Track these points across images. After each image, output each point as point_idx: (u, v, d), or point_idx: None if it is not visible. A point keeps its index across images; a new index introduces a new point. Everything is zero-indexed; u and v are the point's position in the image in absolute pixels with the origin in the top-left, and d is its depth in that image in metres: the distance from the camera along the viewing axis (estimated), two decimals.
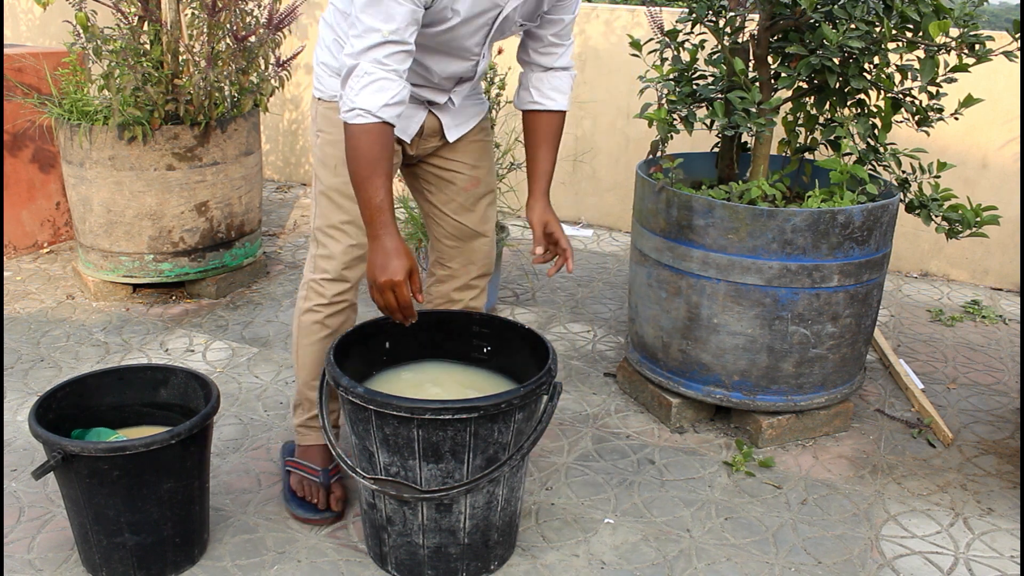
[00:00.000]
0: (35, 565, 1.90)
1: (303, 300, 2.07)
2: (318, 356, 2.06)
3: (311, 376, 2.09)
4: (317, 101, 2.00)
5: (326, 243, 2.00)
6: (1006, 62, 2.67)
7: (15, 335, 3.00)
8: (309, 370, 2.09)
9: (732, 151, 2.62)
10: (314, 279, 2.03)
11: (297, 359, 2.11)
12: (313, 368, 2.08)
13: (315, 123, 2.01)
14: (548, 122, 2.06)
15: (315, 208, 2.03)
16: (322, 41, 1.97)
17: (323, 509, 2.05)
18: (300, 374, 2.11)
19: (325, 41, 1.96)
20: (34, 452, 2.31)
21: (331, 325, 2.04)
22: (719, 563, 1.96)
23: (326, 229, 2.00)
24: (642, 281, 2.49)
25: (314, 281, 2.03)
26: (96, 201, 3.16)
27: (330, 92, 1.95)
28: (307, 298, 2.05)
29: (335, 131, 1.94)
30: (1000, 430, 2.58)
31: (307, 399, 2.13)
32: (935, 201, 2.38)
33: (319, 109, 1.99)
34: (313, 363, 2.07)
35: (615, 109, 4.23)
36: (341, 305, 2.04)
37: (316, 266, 2.03)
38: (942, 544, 2.06)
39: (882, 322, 3.31)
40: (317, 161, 2.00)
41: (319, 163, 2.00)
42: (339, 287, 2.01)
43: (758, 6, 2.36)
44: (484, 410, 1.64)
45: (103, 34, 3.08)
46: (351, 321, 2.08)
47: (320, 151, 1.99)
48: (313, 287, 2.03)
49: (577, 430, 2.50)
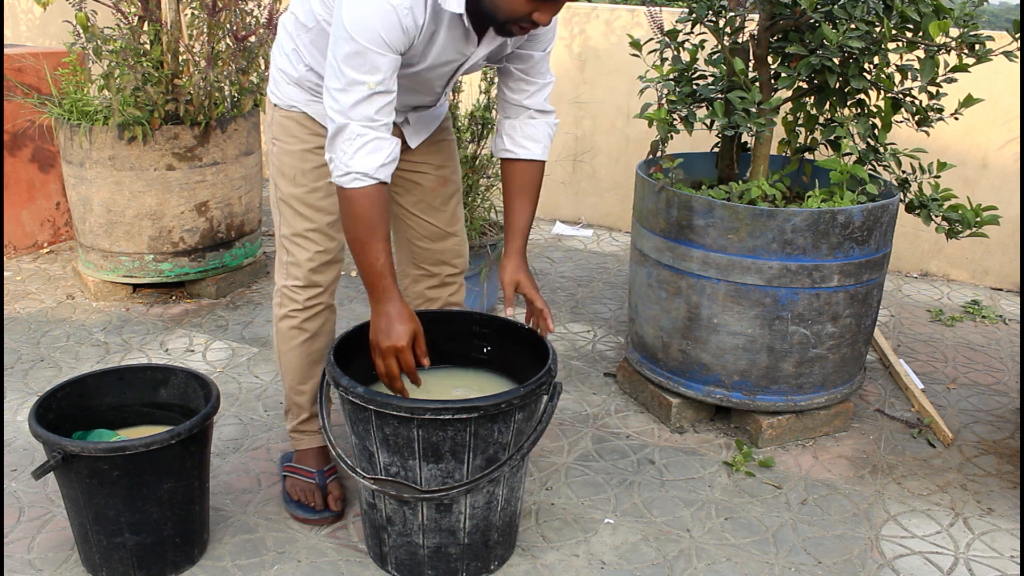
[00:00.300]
0: (35, 565, 1.90)
1: (278, 307, 2.05)
2: (301, 360, 2.06)
3: (297, 381, 2.09)
4: (274, 107, 1.96)
5: (293, 251, 1.98)
6: (1006, 62, 2.67)
7: (15, 335, 3.00)
8: (294, 375, 2.08)
9: (732, 151, 2.62)
10: (286, 286, 2.01)
11: (281, 365, 2.10)
12: (297, 372, 2.07)
13: (271, 129, 1.98)
14: (523, 172, 1.98)
15: (278, 216, 2.00)
16: (280, 47, 1.93)
17: (320, 510, 2.05)
18: (286, 379, 2.11)
19: (284, 48, 1.91)
20: (34, 452, 2.31)
21: (309, 329, 2.03)
22: (719, 563, 1.96)
23: (292, 237, 1.98)
24: (642, 281, 2.49)
25: (286, 288, 2.01)
26: (96, 201, 3.16)
27: (287, 100, 1.92)
28: (281, 304, 2.04)
29: (291, 141, 1.93)
30: (1000, 430, 2.58)
31: (295, 404, 2.12)
32: (935, 201, 2.38)
33: (275, 116, 1.96)
34: (297, 368, 2.07)
35: (615, 109, 4.23)
36: (316, 309, 2.02)
37: (287, 273, 2.01)
38: (942, 544, 2.06)
39: (882, 322, 3.31)
40: (275, 169, 1.97)
41: (277, 172, 1.96)
42: (311, 292, 2.00)
43: (758, 6, 2.36)
44: (484, 410, 1.64)
45: (103, 34, 3.08)
46: (330, 322, 2.08)
47: (277, 160, 1.96)
48: (286, 294, 2.02)
49: (577, 430, 2.50)
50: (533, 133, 1.97)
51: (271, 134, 1.98)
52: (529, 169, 1.98)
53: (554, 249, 4.08)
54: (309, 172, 1.93)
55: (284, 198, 1.96)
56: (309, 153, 1.93)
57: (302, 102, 1.91)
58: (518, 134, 1.97)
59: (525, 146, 1.97)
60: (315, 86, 1.88)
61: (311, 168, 1.93)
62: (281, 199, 1.97)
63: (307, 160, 1.93)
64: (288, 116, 1.93)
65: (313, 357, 2.06)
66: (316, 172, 1.93)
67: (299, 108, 1.92)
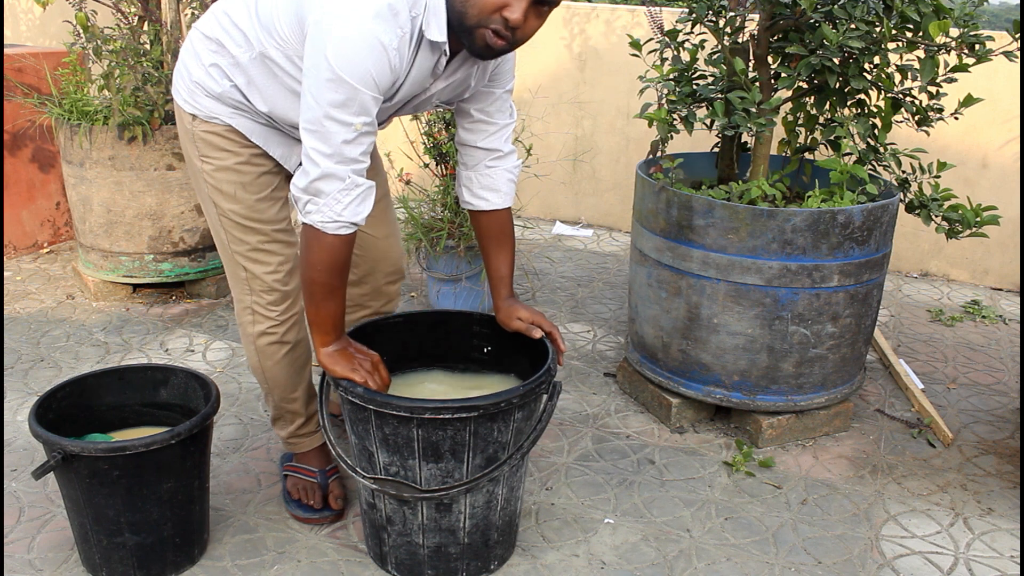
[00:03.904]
0: (35, 565, 1.90)
1: (251, 324, 1.95)
2: (287, 371, 2.01)
3: (287, 391, 2.04)
4: (191, 118, 1.82)
5: (252, 268, 1.90)
6: (1006, 62, 2.67)
7: (15, 335, 3.00)
8: (283, 387, 2.03)
9: (732, 151, 2.62)
10: (256, 302, 1.93)
11: (267, 380, 2.02)
12: (287, 383, 2.02)
13: (194, 145, 1.83)
14: (488, 222, 1.91)
15: (223, 234, 1.89)
16: (196, 56, 1.79)
17: (320, 508, 2.05)
18: (275, 392, 2.04)
19: (201, 59, 1.78)
20: (34, 452, 2.30)
21: (291, 339, 1.98)
22: (719, 563, 1.96)
23: (247, 254, 1.89)
24: (642, 281, 2.49)
25: (257, 304, 1.93)
26: (96, 201, 3.16)
27: (207, 112, 1.79)
28: (255, 322, 1.95)
29: (223, 155, 1.82)
30: (1000, 430, 2.58)
31: (288, 412, 2.07)
32: (935, 201, 2.38)
33: (197, 131, 1.81)
34: (285, 379, 2.02)
35: (615, 109, 4.23)
36: (294, 319, 1.97)
37: (250, 288, 1.92)
38: (942, 544, 2.06)
39: (882, 322, 3.31)
40: (208, 187, 1.85)
41: (211, 189, 1.85)
42: (284, 304, 1.94)
43: (758, 6, 2.36)
44: (484, 409, 1.64)
45: (103, 34, 3.08)
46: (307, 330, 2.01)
47: (211, 178, 1.84)
48: (257, 311, 1.93)
49: (577, 430, 2.50)
50: (491, 183, 1.89)
51: (197, 151, 1.84)
52: (495, 218, 1.92)
53: (554, 249, 4.08)
54: (250, 184, 1.84)
55: (226, 215, 1.86)
56: (246, 164, 1.83)
57: (225, 114, 1.80)
58: (475, 185, 1.90)
59: (484, 197, 1.90)
60: (239, 103, 1.78)
61: (251, 180, 1.84)
62: (222, 216, 1.86)
63: (245, 172, 1.84)
64: (212, 131, 1.81)
65: (299, 364, 2.02)
66: (257, 183, 1.85)
67: (222, 120, 1.80)
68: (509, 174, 1.91)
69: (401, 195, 3.18)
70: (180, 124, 1.87)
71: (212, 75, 1.77)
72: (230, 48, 1.74)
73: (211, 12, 1.80)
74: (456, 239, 3.05)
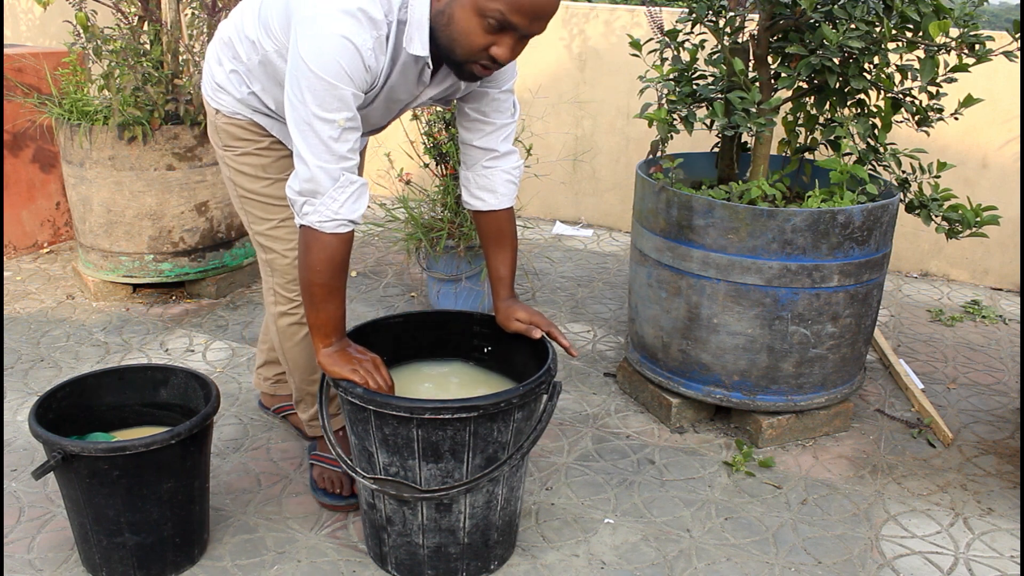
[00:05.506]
0: (35, 565, 1.90)
1: (272, 305, 2.03)
2: (308, 352, 2.05)
3: (307, 373, 2.09)
4: (216, 113, 1.94)
5: (273, 246, 1.97)
6: (1006, 62, 2.68)
7: (15, 335, 3.00)
8: (303, 369, 2.08)
9: (732, 151, 2.62)
10: (277, 283, 2.00)
11: (287, 362, 2.09)
12: (306, 366, 2.07)
13: (219, 135, 1.95)
14: (487, 222, 1.93)
15: (245, 216, 1.99)
16: (219, 63, 1.89)
17: (347, 496, 2.08)
18: (295, 374, 2.10)
19: (224, 66, 1.88)
20: (34, 452, 2.31)
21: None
22: (719, 563, 1.96)
23: (265, 233, 1.97)
24: (642, 281, 2.49)
25: (277, 285, 2.00)
26: (96, 201, 3.16)
27: (230, 108, 1.90)
28: (276, 303, 2.02)
29: (245, 144, 1.92)
30: (1000, 430, 2.58)
31: (309, 393, 2.13)
32: (935, 201, 2.38)
33: (220, 123, 1.93)
34: (305, 361, 2.07)
35: (615, 109, 4.23)
36: None
37: (271, 269, 2.00)
38: (942, 544, 2.06)
39: (882, 322, 3.31)
40: (232, 172, 1.96)
41: (236, 173, 1.95)
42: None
43: (758, 6, 2.36)
44: (483, 409, 1.64)
45: (103, 34, 3.08)
46: None
47: (234, 163, 1.94)
48: (277, 291, 2.00)
49: (577, 430, 2.50)
50: (487, 184, 1.90)
51: (220, 140, 1.95)
52: (494, 218, 1.92)
53: (554, 249, 4.08)
54: (269, 166, 1.93)
55: (247, 195, 1.95)
56: (266, 150, 1.92)
57: (246, 112, 1.90)
58: (473, 186, 1.91)
59: (481, 197, 1.91)
60: (258, 107, 1.88)
61: (271, 162, 1.93)
62: (243, 196, 1.96)
63: (267, 155, 1.93)
64: (234, 123, 1.91)
65: None
66: (276, 165, 1.93)
67: (245, 116, 1.90)
68: (507, 175, 1.91)
69: (401, 195, 3.18)
70: (207, 112, 1.98)
71: (232, 81, 1.87)
72: (242, 55, 1.83)
73: (231, 16, 1.88)
74: (456, 239, 3.05)
